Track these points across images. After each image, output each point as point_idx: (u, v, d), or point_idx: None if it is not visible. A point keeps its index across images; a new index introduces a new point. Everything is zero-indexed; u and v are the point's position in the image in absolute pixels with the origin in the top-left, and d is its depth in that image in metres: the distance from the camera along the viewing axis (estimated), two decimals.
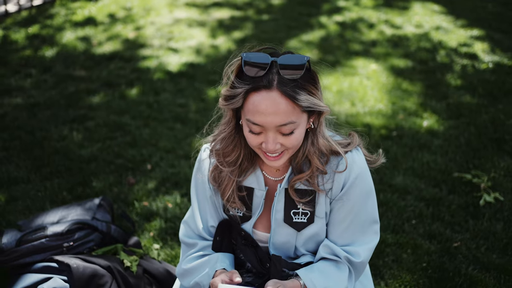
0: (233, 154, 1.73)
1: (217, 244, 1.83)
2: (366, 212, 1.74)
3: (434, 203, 3.18)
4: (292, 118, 1.54)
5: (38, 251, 2.38)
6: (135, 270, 2.31)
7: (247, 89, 1.53)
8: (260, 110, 1.52)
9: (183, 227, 1.92)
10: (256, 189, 1.78)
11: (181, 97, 4.55)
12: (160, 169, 3.51)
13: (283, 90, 1.51)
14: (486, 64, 5.20)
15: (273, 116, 1.52)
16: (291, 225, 1.75)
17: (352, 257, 1.72)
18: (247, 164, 1.76)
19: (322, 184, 1.71)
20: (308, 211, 1.74)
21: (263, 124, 1.54)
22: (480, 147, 3.77)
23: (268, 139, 1.56)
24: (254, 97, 1.53)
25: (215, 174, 1.79)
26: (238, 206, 1.77)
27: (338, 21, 6.53)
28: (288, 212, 1.75)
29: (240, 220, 1.81)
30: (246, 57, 1.55)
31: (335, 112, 4.25)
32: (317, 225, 1.75)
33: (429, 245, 2.83)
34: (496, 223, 2.99)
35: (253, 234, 1.82)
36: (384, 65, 5.22)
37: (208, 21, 6.46)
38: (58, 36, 5.89)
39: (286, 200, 1.75)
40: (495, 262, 2.70)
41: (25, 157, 3.64)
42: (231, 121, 1.69)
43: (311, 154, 1.67)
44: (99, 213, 2.72)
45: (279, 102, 1.51)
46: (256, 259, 1.79)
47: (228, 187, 1.76)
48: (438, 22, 6.44)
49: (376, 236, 1.77)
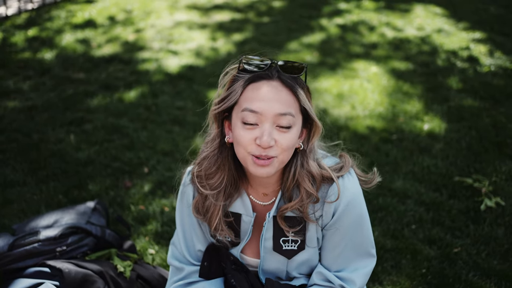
0: (216, 177, 1.62)
1: (204, 270, 1.76)
2: (361, 237, 1.65)
3: (434, 207, 3.13)
4: (292, 110, 1.48)
5: (30, 256, 2.34)
6: (129, 275, 2.27)
7: (246, 79, 1.50)
8: (260, 96, 1.46)
9: (171, 249, 1.85)
10: (243, 215, 1.70)
11: (179, 100, 4.52)
12: (157, 172, 3.47)
13: (284, 80, 1.49)
14: (488, 67, 5.16)
15: (273, 103, 1.46)
16: (281, 253, 1.68)
17: (347, 285, 1.64)
18: (231, 190, 1.66)
19: (312, 213, 1.61)
20: (298, 239, 1.66)
21: (262, 111, 1.45)
22: (481, 151, 3.73)
23: (263, 131, 1.45)
24: (254, 86, 1.49)
25: (198, 206, 1.69)
26: (226, 233, 1.69)
27: (339, 23, 6.50)
28: (277, 241, 1.67)
29: (229, 245, 1.74)
30: (246, 58, 1.52)
31: (335, 115, 4.22)
32: (308, 252, 1.68)
33: (429, 251, 2.79)
34: (497, 228, 2.94)
35: (241, 259, 1.76)
36: (384, 67, 5.18)
37: (208, 24, 6.44)
38: (58, 38, 5.87)
39: (275, 228, 1.66)
40: (496, 268, 2.65)
41: (22, 160, 3.61)
42: (215, 139, 1.61)
43: (301, 176, 1.58)
44: (94, 217, 2.68)
45: (280, 90, 1.48)
46: (247, 284, 1.72)
47: (214, 216, 1.66)
48: (440, 25, 6.41)
49: (372, 260, 1.69)
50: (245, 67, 1.51)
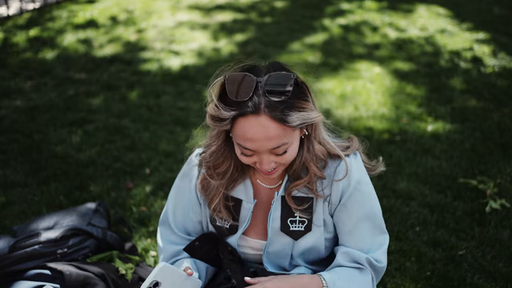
0: (223, 165, 1.68)
1: (192, 248, 1.78)
2: (373, 214, 1.69)
3: (438, 209, 3.10)
4: (284, 140, 1.48)
5: (31, 258, 2.32)
6: (130, 278, 2.25)
7: (233, 115, 1.45)
8: (249, 137, 1.46)
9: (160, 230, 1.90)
10: (244, 201, 1.73)
11: (181, 100, 4.50)
12: (158, 174, 3.45)
13: (272, 115, 1.43)
14: (492, 67, 5.13)
15: (264, 142, 1.46)
16: (288, 234, 1.70)
17: (376, 262, 1.67)
18: (237, 175, 1.72)
19: (321, 190, 1.66)
20: (305, 218, 1.68)
21: (255, 149, 1.49)
22: (485, 152, 3.70)
23: (262, 160, 1.52)
24: (242, 123, 1.46)
25: (204, 184, 1.75)
26: (224, 216, 1.72)
27: (342, 24, 6.47)
28: (285, 221, 1.69)
29: (227, 232, 1.76)
30: (229, 80, 1.47)
31: (338, 116, 4.19)
32: (314, 234, 1.70)
33: (433, 253, 2.76)
34: (503, 231, 2.91)
35: (245, 242, 1.77)
36: (388, 68, 5.16)
37: (210, 24, 6.41)
38: (59, 38, 5.85)
39: (282, 208, 1.69)
40: (501, 270, 2.62)
41: (23, 161, 3.59)
42: (220, 134, 1.64)
43: (308, 161, 1.62)
44: (95, 219, 2.66)
45: (268, 127, 1.44)
46: (241, 276, 1.72)
47: (216, 196, 1.71)
48: (443, 25, 6.38)
49: (386, 236, 1.73)
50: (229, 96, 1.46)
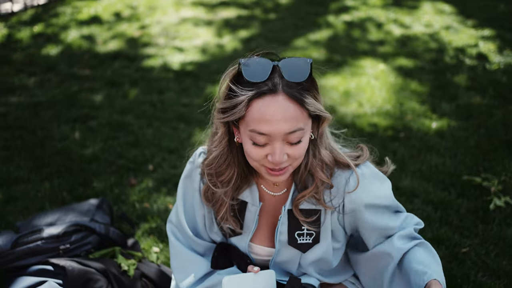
0: (226, 173, 1.62)
1: (216, 263, 1.77)
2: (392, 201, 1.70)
3: (442, 207, 3.09)
4: (301, 125, 1.42)
5: (33, 254, 2.32)
6: (132, 274, 2.24)
7: (250, 96, 1.40)
8: (267, 117, 1.39)
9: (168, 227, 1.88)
10: (249, 203, 1.69)
11: (185, 97, 4.49)
12: (162, 170, 3.44)
13: (290, 93, 1.39)
14: (497, 64, 5.09)
15: (282, 123, 1.39)
16: (296, 247, 1.67)
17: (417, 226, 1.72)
18: (241, 183, 1.67)
19: (329, 201, 1.60)
20: (313, 231, 1.65)
21: (271, 133, 1.41)
22: (490, 149, 3.67)
23: (275, 150, 1.43)
24: (258, 103, 1.40)
25: (208, 195, 1.71)
26: (232, 224, 1.70)
27: (346, 20, 6.45)
28: (292, 234, 1.66)
29: (231, 233, 1.74)
30: (245, 63, 1.42)
31: (342, 112, 4.17)
32: (322, 246, 1.67)
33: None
34: (507, 228, 2.90)
35: (250, 248, 1.75)
36: (392, 65, 5.13)
37: (214, 20, 6.40)
38: (63, 34, 5.85)
39: (290, 221, 1.65)
40: (505, 268, 2.61)
41: (26, 157, 3.59)
42: (223, 138, 1.58)
43: (313, 166, 1.56)
44: (98, 215, 2.66)
45: (287, 106, 1.39)
46: None
47: (222, 206, 1.68)
48: (448, 22, 6.34)
49: (404, 211, 1.76)
50: (246, 78, 1.42)
